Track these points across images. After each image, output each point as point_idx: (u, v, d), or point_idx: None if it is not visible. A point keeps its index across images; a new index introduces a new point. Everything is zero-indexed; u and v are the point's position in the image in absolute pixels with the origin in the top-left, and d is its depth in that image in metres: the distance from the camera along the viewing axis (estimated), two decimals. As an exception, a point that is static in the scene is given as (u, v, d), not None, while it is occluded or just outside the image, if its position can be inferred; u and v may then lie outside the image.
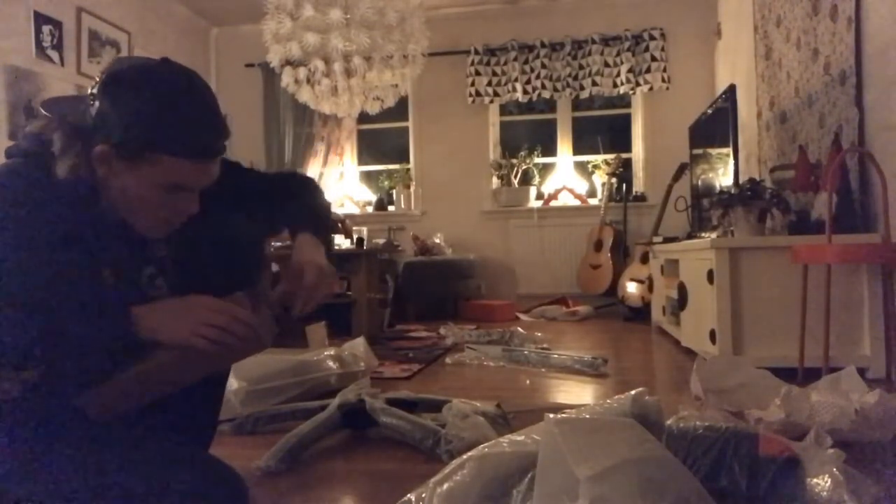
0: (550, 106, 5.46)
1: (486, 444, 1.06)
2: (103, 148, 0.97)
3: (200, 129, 1.00)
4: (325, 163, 5.56)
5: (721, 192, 3.11)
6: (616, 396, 1.14)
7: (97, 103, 0.97)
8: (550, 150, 5.44)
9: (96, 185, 1.00)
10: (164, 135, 0.96)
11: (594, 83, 5.09)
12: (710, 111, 3.55)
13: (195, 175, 1.01)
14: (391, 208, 5.59)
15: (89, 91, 0.99)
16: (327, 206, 1.39)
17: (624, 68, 5.04)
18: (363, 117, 5.05)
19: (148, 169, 0.97)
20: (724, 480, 1.02)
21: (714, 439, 1.06)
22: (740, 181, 2.87)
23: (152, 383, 0.98)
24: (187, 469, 1.04)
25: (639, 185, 5.26)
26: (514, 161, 5.33)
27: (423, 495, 1.01)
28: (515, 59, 5.21)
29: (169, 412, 1.06)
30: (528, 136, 5.51)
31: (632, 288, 4.41)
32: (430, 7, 4.62)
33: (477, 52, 5.29)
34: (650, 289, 4.10)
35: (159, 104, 0.97)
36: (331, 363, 2.20)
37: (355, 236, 3.69)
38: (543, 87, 5.16)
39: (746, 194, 2.60)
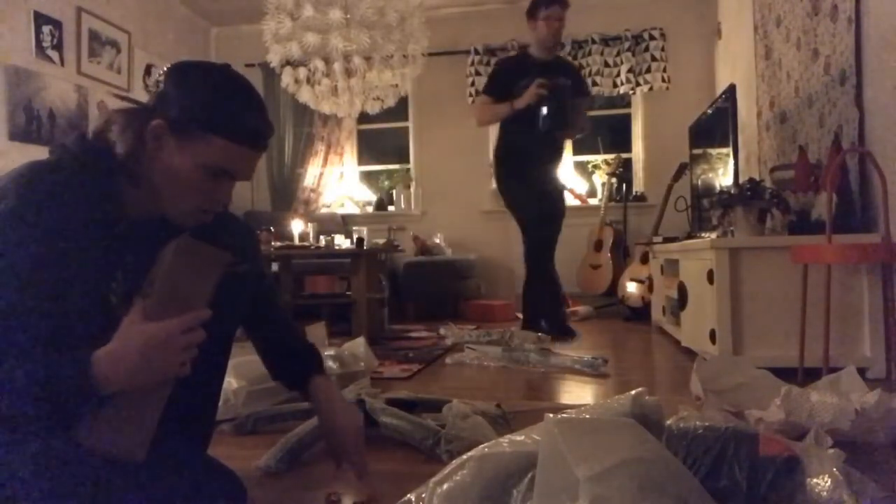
0: (550, 106, 5.45)
1: (486, 444, 1.06)
2: (159, 122, 1.00)
3: (256, 119, 1.05)
4: (325, 163, 5.56)
5: (721, 192, 3.11)
6: (616, 396, 1.14)
7: (161, 87, 1.02)
8: (550, 150, 5.43)
9: (139, 165, 1.01)
10: (224, 119, 1.00)
11: (594, 83, 5.09)
12: (710, 111, 3.55)
13: (243, 162, 1.04)
14: (391, 208, 5.59)
15: (154, 81, 1.05)
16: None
17: (624, 68, 5.04)
18: (363, 117, 5.04)
19: (201, 148, 1.00)
20: (724, 480, 1.01)
21: (714, 439, 1.05)
22: (740, 181, 2.87)
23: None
24: (184, 470, 1.03)
25: (639, 185, 5.26)
26: (514, 161, 5.32)
27: (423, 495, 1.01)
28: (515, 59, 5.20)
29: (165, 412, 1.06)
30: (528, 136, 5.50)
31: (632, 288, 4.41)
32: (430, 7, 4.62)
33: (477, 52, 5.29)
34: (650, 289, 4.10)
35: (222, 90, 1.03)
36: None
37: (355, 236, 3.68)
38: (543, 87, 5.15)
39: (746, 194, 2.60)
